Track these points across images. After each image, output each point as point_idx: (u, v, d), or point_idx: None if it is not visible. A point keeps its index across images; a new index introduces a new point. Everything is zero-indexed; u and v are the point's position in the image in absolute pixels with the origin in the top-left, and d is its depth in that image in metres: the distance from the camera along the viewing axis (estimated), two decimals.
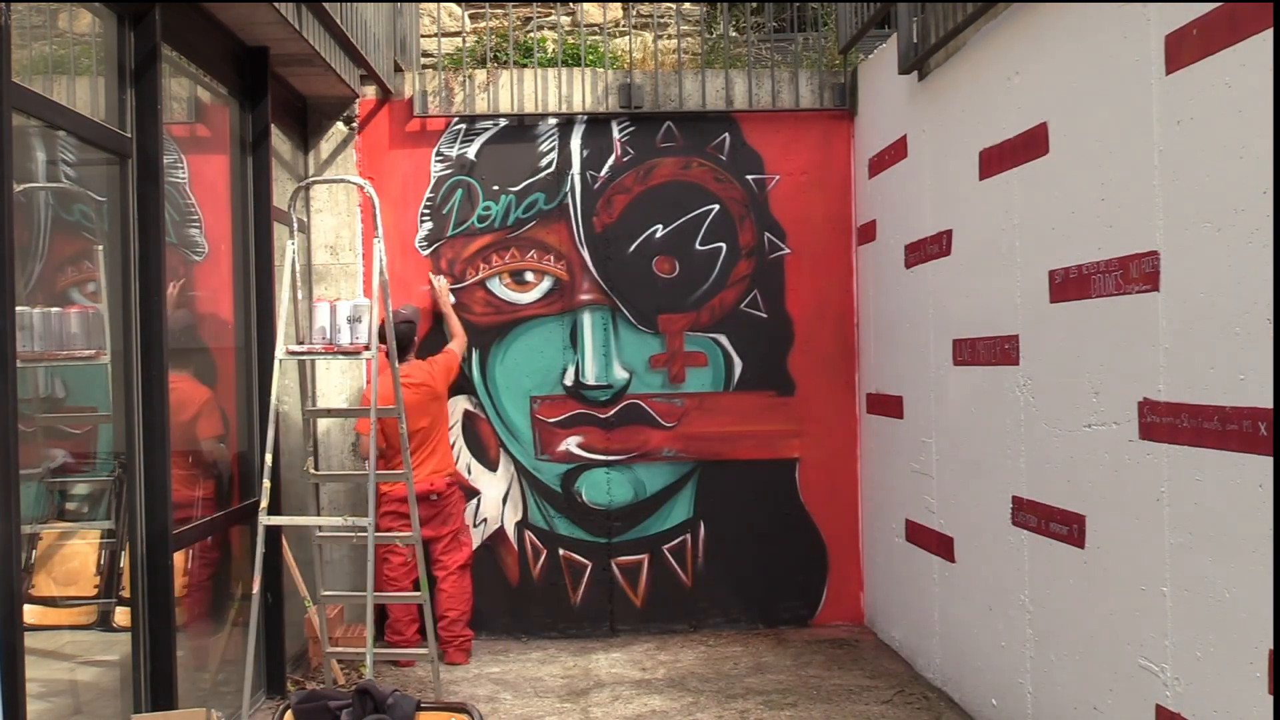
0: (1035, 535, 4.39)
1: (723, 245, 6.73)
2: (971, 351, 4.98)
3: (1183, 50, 3.36)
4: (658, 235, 6.71)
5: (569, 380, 6.67)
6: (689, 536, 6.73)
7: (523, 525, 6.67)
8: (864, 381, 6.66)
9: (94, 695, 4.08)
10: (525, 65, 7.07)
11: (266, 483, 4.79)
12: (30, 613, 3.57)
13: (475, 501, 6.67)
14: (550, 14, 8.05)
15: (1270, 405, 2.98)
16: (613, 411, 6.68)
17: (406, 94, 6.65)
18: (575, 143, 6.70)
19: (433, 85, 6.67)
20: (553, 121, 6.71)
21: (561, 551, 6.68)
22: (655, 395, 6.70)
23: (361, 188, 5.89)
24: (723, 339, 6.73)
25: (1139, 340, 3.62)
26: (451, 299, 6.52)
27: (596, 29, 7.99)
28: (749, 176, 6.76)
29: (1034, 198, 4.36)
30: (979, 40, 4.85)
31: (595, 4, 8.29)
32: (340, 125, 6.56)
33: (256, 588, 4.74)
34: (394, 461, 5.97)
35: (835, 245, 6.79)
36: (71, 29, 4.11)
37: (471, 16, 8.26)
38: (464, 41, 7.13)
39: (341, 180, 6.02)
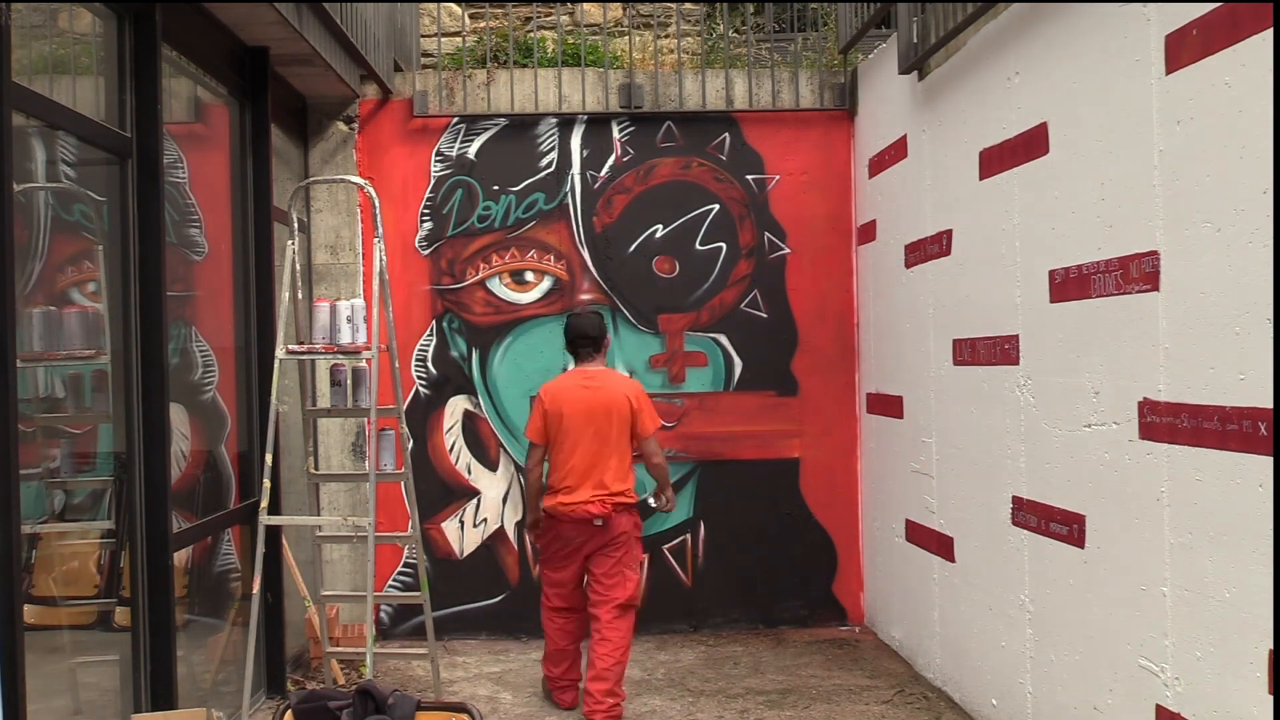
0: (1035, 535, 4.39)
1: (723, 245, 6.73)
2: (971, 351, 4.98)
3: (1183, 50, 3.36)
4: (658, 235, 6.71)
5: None
6: (689, 536, 6.73)
7: (523, 525, 6.67)
8: (864, 381, 6.66)
9: (94, 695, 4.08)
10: (525, 65, 7.07)
11: (266, 483, 4.79)
12: (30, 613, 3.57)
13: (475, 501, 6.67)
14: (550, 14, 8.05)
15: (1270, 405, 2.98)
16: None
17: (406, 94, 6.65)
18: (575, 143, 6.70)
19: (433, 85, 6.67)
20: (553, 121, 6.71)
21: None
22: (655, 395, 6.68)
23: (361, 188, 5.89)
24: (723, 339, 6.73)
25: (1139, 340, 3.62)
26: None
27: (596, 29, 7.99)
28: (749, 176, 6.76)
29: (1034, 198, 4.36)
30: (979, 40, 4.85)
31: (595, 4, 8.29)
32: (340, 125, 6.56)
33: (256, 588, 4.74)
34: (555, 479, 5.14)
35: (835, 245, 6.79)
36: (71, 29, 4.11)
37: (471, 16, 8.26)
38: (464, 41, 7.13)
39: (341, 180, 6.02)
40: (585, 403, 5.10)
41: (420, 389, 6.65)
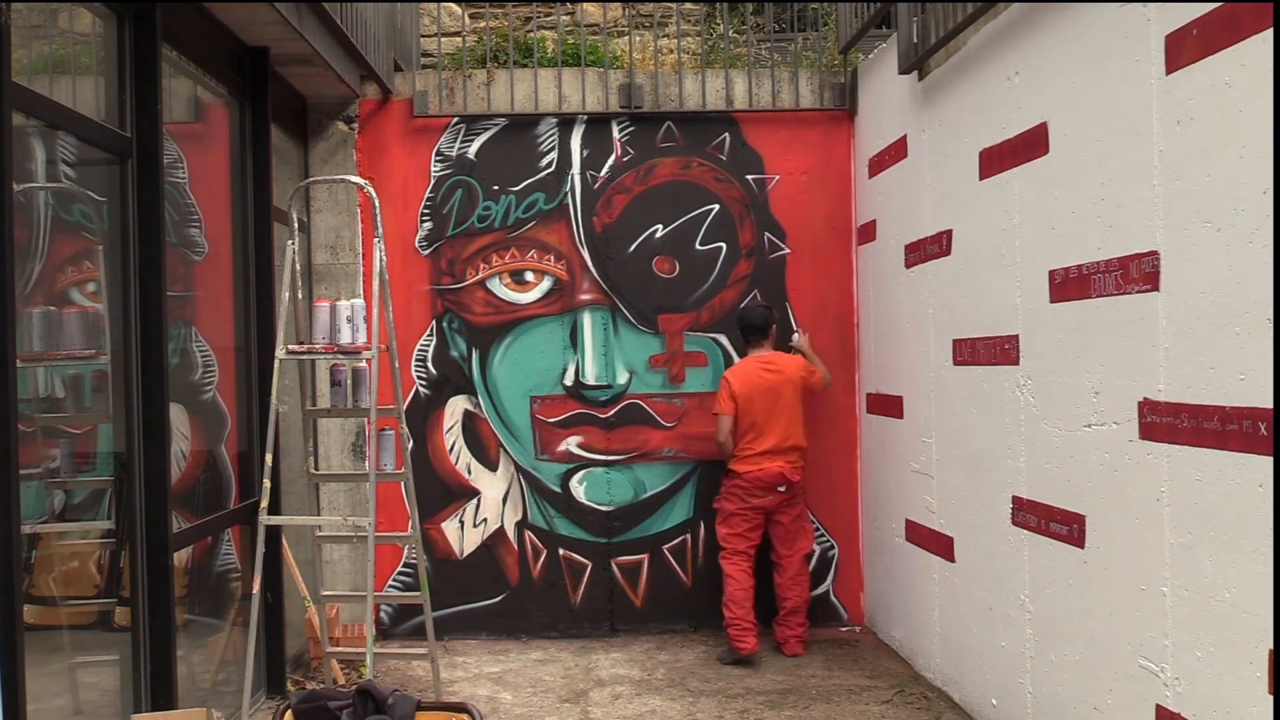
0: (1035, 535, 4.39)
1: (723, 245, 6.73)
2: (971, 351, 4.98)
3: (1183, 50, 3.36)
4: (658, 235, 6.71)
5: (569, 380, 6.67)
6: (689, 536, 6.73)
7: (523, 525, 6.67)
8: (864, 381, 6.66)
9: (94, 695, 4.08)
10: (525, 65, 7.07)
11: (266, 483, 4.79)
12: (30, 613, 3.57)
13: (475, 501, 6.67)
14: (550, 14, 8.06)
15: (1270, 405, 2.98)
16: (613, 411, 6.68)
17: (406, 94, 6.65)
18: (575, 143, 6.70)
19: (433, 85, 6.67)
20: (552, 121, 6.71)
21: (561, 551, 6.68)
22: (655, 395, 6.70)
23: (361, 188, 5.89)
24: (723, 339, 6.73)
25: (1139, 340, 3.62)
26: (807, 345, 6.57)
27: (596, 29, 8.00)
28: (749, 176, 6.76)
29: (1034, 198, 4.36)
30: (979, 40, 4.85)
31: (595, 4, 8.29)
32: (340, 125, 6.57)
33: (256, 588, 4.74)
34: (742, 442, 6.13)
35: (835, 245, 6.79)
36: (71, 28, 4.11)
37: (471, 16, 8.27)
38: (464, 41, 7.13)
39: (341, 180, 6.02)
40: (767, 382, 6.14)
41: (420, 389, 6.65)
